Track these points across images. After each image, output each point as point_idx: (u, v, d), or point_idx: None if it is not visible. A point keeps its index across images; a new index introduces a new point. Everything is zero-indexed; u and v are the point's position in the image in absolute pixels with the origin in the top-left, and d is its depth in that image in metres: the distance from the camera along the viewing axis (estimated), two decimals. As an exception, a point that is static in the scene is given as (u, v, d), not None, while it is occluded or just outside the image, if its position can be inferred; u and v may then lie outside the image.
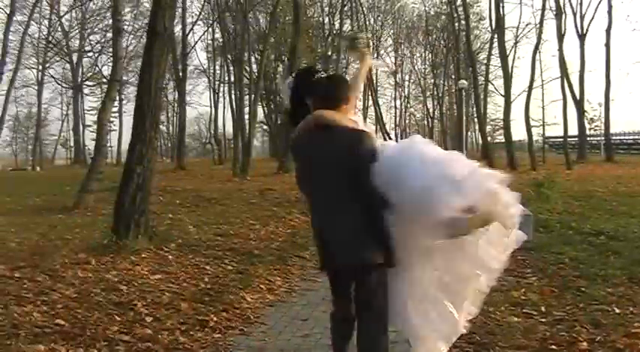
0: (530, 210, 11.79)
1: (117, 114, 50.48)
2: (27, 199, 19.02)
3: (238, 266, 9.12)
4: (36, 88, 49.03)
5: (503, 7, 38.70)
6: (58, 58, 50.12)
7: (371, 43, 4.88)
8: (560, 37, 38.23)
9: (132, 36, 48.07)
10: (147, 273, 8.23)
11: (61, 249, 9.52)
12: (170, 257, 9.31)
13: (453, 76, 57.02)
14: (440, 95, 63.89)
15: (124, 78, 48.14)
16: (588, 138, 47.01)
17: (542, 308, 6.62)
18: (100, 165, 17.24)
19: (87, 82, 52.18)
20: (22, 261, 8.47)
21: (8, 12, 35.85)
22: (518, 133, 56.86)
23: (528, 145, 36.73)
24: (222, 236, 11.81)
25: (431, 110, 66.76)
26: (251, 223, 13.64)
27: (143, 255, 9.13)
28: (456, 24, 47.70)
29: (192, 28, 43.34)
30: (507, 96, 37.31)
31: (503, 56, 37.65)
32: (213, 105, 52.50)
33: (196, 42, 46.51)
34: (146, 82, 10.35)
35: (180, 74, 38.87)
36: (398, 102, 67.21)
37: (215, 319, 6.42)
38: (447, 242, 3.86)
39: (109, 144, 39.84)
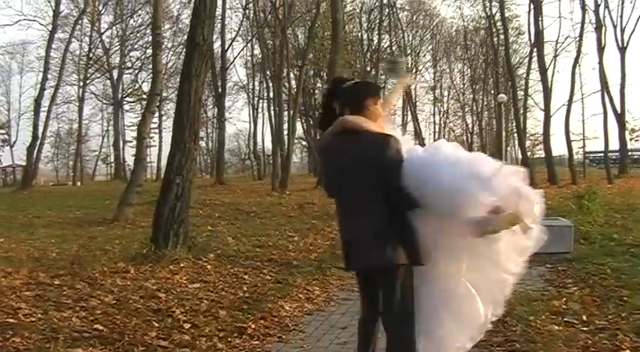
0: (570, 222, 11.63)
1: (157, 130, 50.86)
2: (68, 212, 19.26)
3: (277, 276, 9.09)
4: (77, 104, 49.68)
5: (542, 20, 38.42)
6: (98, 75, 50.78)
7: (409, 66, 4.91)
8: (601, 49, 37.87)
9: (171, 52, 48.59)
10: (185, 282, 8.24)
11: (100, 259, 9.60)
12: (209, 266, 9.32)
13: (492, 92, 56.64)
14: (479, 110, 63.46)
15: (164, 94, 48.64)
16: (630, 153, 46.37)
17: (584, 317, 6.49)
18: (139, 178, 17.39)
19: (127, 98, 52.78)
20: (61, 270, 8.55)
21: (50, 29, 36.46)
22: (558, 148, 56.36)
23: (569, 159, 36.37)
24: (261, 247, 11.83)
25: (470, 125, 66.39)
26: (290, 235, 13.64)
27: (182, 265, 9.15)
28: (495, 39, 47.39)
29: (231, 44, 43.64)
30: (547, 110, 37.03)
31: (543, 70, 37.37)
32: (252, 121, 52.94)
33: (235, 57, 46.83)
34: (185, 93, 10.42)
35: (220, 90, 39.12)
36: (437, 118, 66.97)
37: (253, 326, 6.39)
38: (475, 241, 3.86)
39: (148, 160, 40.20)
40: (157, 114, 48.03)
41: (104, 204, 20.62)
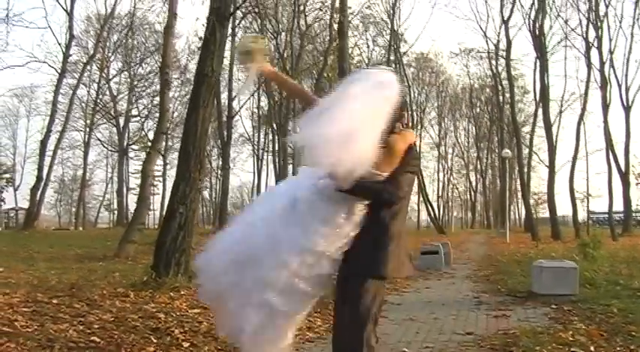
0: (575, 264, 11.51)
1: (160, 179, 50.77)
2: (69, 250, 19.15)
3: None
4: (82, 149, 49.79)
5: (547, 77, 38.71)
6: (104, 121, 50.99)
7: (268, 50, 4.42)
8: (605, 107, 38.14)
9: (178, 102, 48.81)
10: (185, 308, 8.12)
11: (99, 285, 9.50)
12: (210, 296, 9.20)
13: (497, 150, 56.89)
14: (483, 168, 63.73)
15: (169, 143, 48.77)
16: (634, 214, 46.15)
17: (592, 348, 6.36)
18: (142, 215, 17.35)
19: (132, 146, 52.83)
20: (60, 292, 8.45)
21: (59, 72, 36.81)
22: (562, 208, 56.19)
23: (573, 215, 36.24)
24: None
25: (474, 183, 66.57)
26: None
27: (182, 292, 9.03)
28: (501, 97, 47.88)
29: (237, 94, 43.99)
30: (551, 166, 37.07)
31: (548, 126, 37.52)
32: (256, 172, 52.97)
33: (241, 106, 46.94)
34: (192, 123, 10.44)
35: (225, 138, 39.29)
36: (441, 175, 67.09)
37: (254, 349, 6.26)
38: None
39: (151, 207, 40.09)
40: (161, 163, 48.04)
41: (105, 244, 20.50)
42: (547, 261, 11.83)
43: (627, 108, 40.13)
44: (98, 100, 47.89)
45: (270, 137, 49.48)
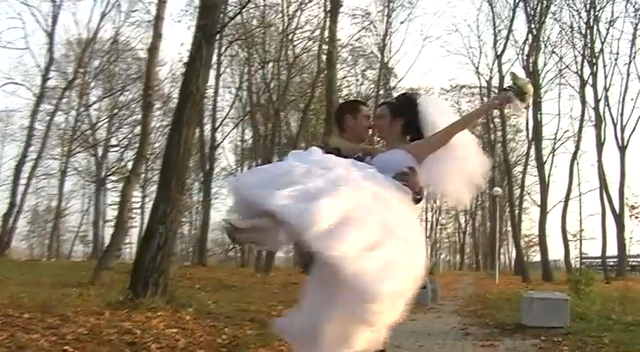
0: (566, 296, 11.54)
1: (139, 210, 50.48)
2: (41, 277, 18.97)
3: (258, 331, 8.95)
4: (58, 178, 49.39)
5: (541, 115, 39.10)
6: (82, 149, 50.43)
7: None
8: (600, 146, 38.10)
9: (159, 132, 48.63)
10: (162, 327, 8.09)
11: (74, 303, 9.43)
12: (187, 317, 9.18)
13: (487, 190, 56.87)
14: (472, 209, 63.66)
15: (149, 175, 48.48)
16: (629, 259, 45.71)
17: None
18: (119, 241, 17.26)
19: (111, 177, 52.40)
20: (32, 309, 8.38)
21: (37, 95, 36.79)
22: (554, 252, 56.12)
23: (564, 256, 36.21)
24: (243, 311, 11.66)
25: (463, 225, 66.53)
26: (273, 305, 13.45)
27: (159, 313, 9.00)
28: (492, 135, 47.90)
29: (222, 123, 43.94)
30: (543, 206, 37.09)
31: (540, 164, 37.65)
32: (239, 208, 52.71)
33: (225, 137, 46.83)
34: (175, 142, 10.48)
35: (207, 168, 39.25)
36: (429, 215, 67.01)
37: (232, 366, 6.28)
38: None
39: (128, 242, 39.83)
40: (139, 194, 47.84)
41: (79, 274, 20.33)
42: (538, 293, 11.88)
43: (622, 148, 39.78)
44: (76, 128, 47.57)
45: (255, 172, 49.35)
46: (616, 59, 39.62)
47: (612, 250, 41.53)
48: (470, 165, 4.39)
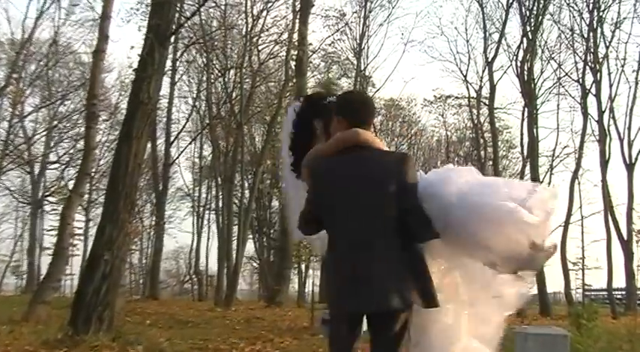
0: (566, 332, 11.53)
1: (82, 236, 49.94)
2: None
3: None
4: (-13, 197, 48.79)
5: (537, 129, 39.28)
6: (14, 166, 49.38)
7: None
8: (604, 164, 37.88)
9: (105, 147, 48.21)
10: (107, 368, 8.02)
11: (3, 342, 9.30)
12: (137, 357, 9.11)
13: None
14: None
15: (94, 195, 48.02)
16: (639, 292, 44.98)
17: None
18: (59, 271, 17.07)
19: (49, 198, 51.61)
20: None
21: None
22: (553, 283, 55.92)
23: (565, 289, 36.02)
24: (200, 349, 11.58)
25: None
26: (234, 342, 13.38)
27: (103, 352, 8.92)
28: (482, 152, 47.73)
29: (177, 137, 43.73)
30: (540, 231, 36.99)
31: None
32: (196, 233, 52.37)
33: (180, 153, 46.54)
34: (123, 156, 10.44)
35: (161, 188, 39.04)
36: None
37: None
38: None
39: (69, 272, 39.30)
40: (82, 218, 47.36)
41: (11, 310, 20.07)
42: (534, 328, 11.86)
43: (630, 165, 39.04)
44: (9, 142, 46.79)
45: (214, 192, 48.99)
46: (623, 65, 38.93)
47: (619, 281, 41.15)
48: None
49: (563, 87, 41.74)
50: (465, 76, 45.65)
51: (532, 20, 38.67)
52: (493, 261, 3.80)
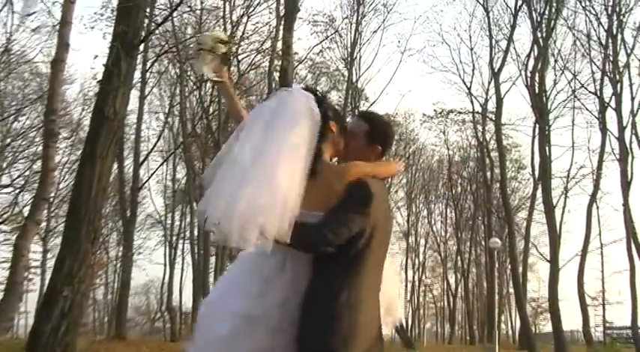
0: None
1: (38, 269, 49.66)
2: None
3: None
4: None
5: (549, 147, 39.25)
6: (-42, 189, 49.08)
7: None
8: (626, 185, 37.63)
9: (65, 168, 47.95)
10: None
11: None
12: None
13: (483, 242, 56.93)
14: (465, 267, 63.55)
15: (52, 223, 47.78)
16: None
17: None
18: (12, 309, 16.86)
19: (1, 226, 51.40)
20: None
21: None
22: (570, 320, 55.70)
23: (583, 327, 35.81)
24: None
25: (453, 285, 66.27)
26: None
27: (63, 401, 8.83)
28: (489, 173, 47.75)
29: (147, 157, 43.47)
30: (554, 262, 36.70)
31: (549, 209, 37.49)
32: (168, 264, 52.11)
33: (151, 175, 46.16)
34: (86, 178, 10.37)
35: (129, 214, 38.81)
36: (410, 273, 66.56)
37: None
38: None
39: (23, 310, 39.08)
40: (39, 248, 47.18)
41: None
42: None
43: None
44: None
45: (188, 219, 48.91)
46: (646, 76, 39.07)
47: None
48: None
49: (578, 100, 41.64)
50: (469, 89, 45.95)
51: (544, 26, 38.70)
52: None
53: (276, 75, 33.10)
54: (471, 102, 46.65)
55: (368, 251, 3.94)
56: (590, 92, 40.41)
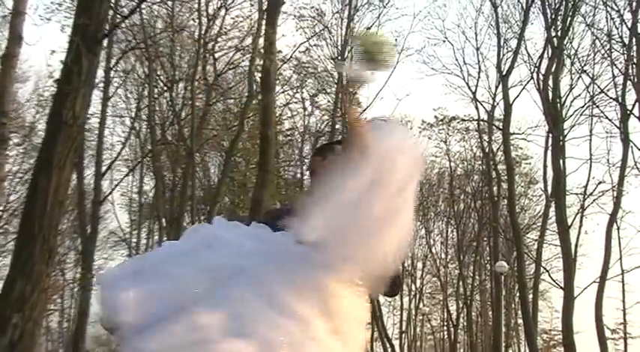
0: None
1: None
2: None
3: None
4: None
5: (564, 160, 39.00)
6: None
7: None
8: None
9: (17, 179, 47.82)
10: None
11: None
12: None
13: (488, 265, 56.94)
14: (468, 293, 63.54)
15: (1, 241, 47.59)
16: None
17: None
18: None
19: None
20: None
21: None
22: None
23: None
24: None
25: (454, 314, 66.27)
26: None
27: None
28: (495, 187, 47.70)
29: (110, 166, 43.26)
30: (569, 290, 36.69)
31: (563, 229, 37.42)
32: (133, 288, 51.90)
33: (115, 186, 45.99)
34: (41, 190, 10.28)
35: (89, 231, 38.67)
36: (405, 301, 66.64)
37: None
38: None
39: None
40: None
41: None
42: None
43: None
44: None
45: (156, 237, 48.76)
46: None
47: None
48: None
49: (597, 107, 41.33)
50: (474, 93, 45.62)
51: (559, 23, 38.65)
52: None
53: (257, 75, 32.90)
54: (476, 108, 46.16)
55: None
56: (610, 98, 40.06)
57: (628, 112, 38.69)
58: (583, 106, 41.44)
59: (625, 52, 39.08)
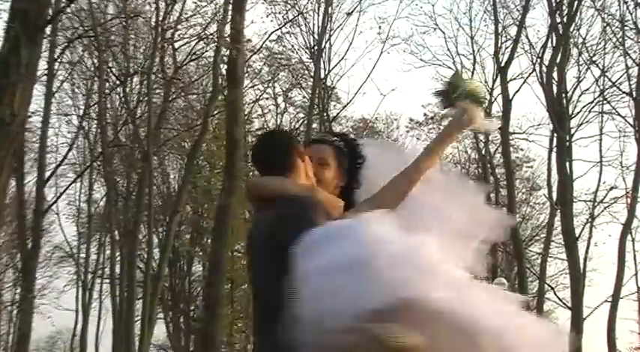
0: None
1: None
2: None
3: None
4: None
5: (571, 163, 38.91)
6: None
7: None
8: None
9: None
10: None
11: None
12: None
13: (486, 281, 56.86)
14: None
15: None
16: None
17: None
18: None
19: None
20: None
21: None
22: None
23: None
24: None
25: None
26: None
27: None
28: (493, 194, 47.56)
29: (55, 172, 43.02)
30: (577, 309, 36.70)
31: (570, 241, 37.36)
32: (81, 310, 51.76)
33: (60, 195, 45.61)
34: (-27, 201, 10.13)
35: (30, 246, 38.49)
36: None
37: None
38: None
39: None
40: None
41: None
42: None
43: None
44: None
45: (108, 252, 48.43)
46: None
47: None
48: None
49: (608, 102, 41.22)
50: (469, 88, 45.42)
51: (564, 7, 38.43)
52: None
53: (223, 67, 32.65)
54: (471, 104, 46.14)
55: None
56: (623, 92, 39.85)
57: (642, 108, 38.49)
58: (592, 102, 41.48)
59: (639, 40, 38.94)
